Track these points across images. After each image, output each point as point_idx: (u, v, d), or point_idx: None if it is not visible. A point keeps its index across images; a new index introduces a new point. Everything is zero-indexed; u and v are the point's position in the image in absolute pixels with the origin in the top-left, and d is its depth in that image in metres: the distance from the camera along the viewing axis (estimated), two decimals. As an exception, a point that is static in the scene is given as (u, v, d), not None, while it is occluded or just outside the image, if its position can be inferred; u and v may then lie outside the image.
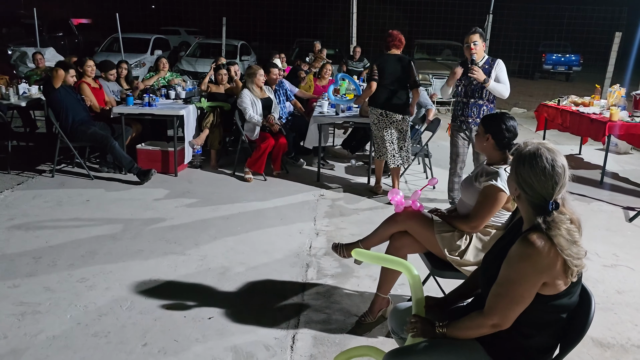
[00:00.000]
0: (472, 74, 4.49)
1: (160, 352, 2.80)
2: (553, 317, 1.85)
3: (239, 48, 15.25)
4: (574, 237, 1.78)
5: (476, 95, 4.67)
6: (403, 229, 2.99)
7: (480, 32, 4.62)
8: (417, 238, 2.95)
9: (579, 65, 20.29)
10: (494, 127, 2.86)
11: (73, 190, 5.43)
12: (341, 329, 3.09)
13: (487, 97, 4.67)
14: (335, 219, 4.92)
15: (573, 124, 6.65)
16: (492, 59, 4.72)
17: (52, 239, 4.20)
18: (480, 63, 4.63)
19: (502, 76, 4.64)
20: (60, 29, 15.97)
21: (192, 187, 5.70)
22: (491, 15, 11.77)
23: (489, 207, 2.76)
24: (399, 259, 2.22)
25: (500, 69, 4.66)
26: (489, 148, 2.90)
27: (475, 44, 4.58)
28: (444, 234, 2.88)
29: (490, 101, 4.71)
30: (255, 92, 6.10)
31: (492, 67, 4.64)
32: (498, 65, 4.66)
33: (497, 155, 2.89)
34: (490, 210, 2.77)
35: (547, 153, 1.81)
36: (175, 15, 26.26)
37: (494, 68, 4.63)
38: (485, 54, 4.74)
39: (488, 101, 4.70)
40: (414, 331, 2.03)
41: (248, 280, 3.64)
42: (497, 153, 2.88)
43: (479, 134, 2.96)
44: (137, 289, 3.46)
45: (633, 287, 3.72)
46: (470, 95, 4.68)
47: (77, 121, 5.77)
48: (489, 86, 4.53)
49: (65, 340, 2.87)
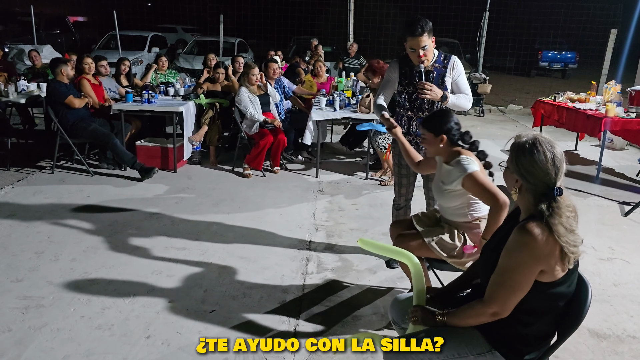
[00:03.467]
0: (423, 94, 3.37)
1: (164, 344, 2.84)
2: (551, 304, 1.89)
3: (236, 45, 15.26)
4: (572, 225, 1.82)
5: (425, 107, 3.53)
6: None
7: (429, 29, 3.36)
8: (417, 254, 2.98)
9: (575, 62, 20.38)
10: (444, 127, 2.83)
11: (73, 186, 5.46)
12: (342, 322, 3.14)
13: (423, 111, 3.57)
14: (334, 214, 4.96)
15: (569, 120, 6.70)
16: (445, 55, 3.56)
17: (54, 234, 4.23)
18: (429, 64, 3.50)
19: (461, 81, 3.53)
20: (57, 26, 15.99)
21: (191, 183, 5.73)
22: (487, 13, 11.82)
23: (488, 186, 2.70)
24: (401, 249, 2.26)
25: (458, 71, 3.53)
26: (444, 148, 2.86)
27: (425, 48, 3.37)
28: (434, 241, 2.89)
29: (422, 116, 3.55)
30: (252, 89, 6.13)
31: (445, 68, 3.51)
32: (455, 67, 3.52)
33: (452, 151, 2.87)
34: (490, 186, 2.70)
35: (545, 141, 1.85)
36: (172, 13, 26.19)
37: (448, 70, 3.50)
38: (434, 51, 3.54)
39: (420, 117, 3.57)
40: (415, 320, 2.08)
41: (249, 274, 3.68)
42: (452, 149, 2.87)
43: (428, 139, 2.88)
44: (139, 283, 3.50)
45: (628, 279, 3.78)
46: (418, 108, 3.54)
47: (77, 117, 5.79)
48: (449, 103, 3.45)
49: (70, 332, 2.91)
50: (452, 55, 3.59)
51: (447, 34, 14.64)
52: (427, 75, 3.50)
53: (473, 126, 10.03)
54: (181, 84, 7.22)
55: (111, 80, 6.89)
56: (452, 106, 3.51)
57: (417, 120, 3.55)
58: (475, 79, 11.11)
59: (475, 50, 12.56)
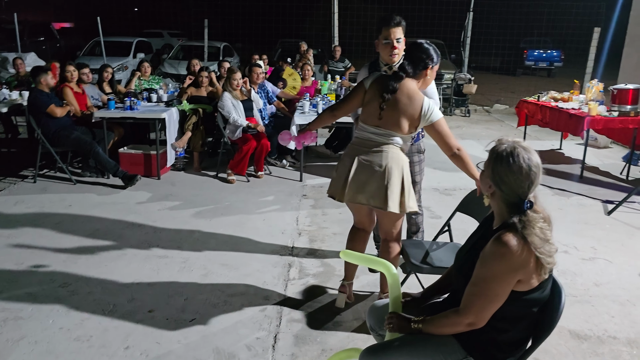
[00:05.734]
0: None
1: (143, 355, 2.81)
2: (526, 311, 1.89)
3: (222, 50, 15.22)
4: (547, 235, 1.82)
5: None
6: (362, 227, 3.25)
7: (404, 26, 3.32)
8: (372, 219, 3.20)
9: (561, 60, 20.53)
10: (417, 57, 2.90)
11: (55, 195, 5.41)
12: (323, 327, 3.13)
13: None
14: (317, 218, 4.95)
15: (552, 120, 6.74)
16: None
17: (34, 245, 4.18)
18: (396, 66, 3.34)
19: (429, 89, 3.27)
20: (42, 33, 15.86)
21: (175, 190, 5.70)
22: (472, 13, 11.87)
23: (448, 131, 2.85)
24: (379, 259, 2.27)
25: None
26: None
27: (398, 41, 3.29)
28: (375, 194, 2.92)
29: None
30: (235, 94, 6.12)
31: None
32: None
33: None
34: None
35: (523, 152, 1.83)
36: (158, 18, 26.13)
37: None
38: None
39: None
40: (391, 327, 2.07)
41: (230, 282, 3.66)
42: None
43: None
44: (119, 293, 3.46)
45: (610, 279, 3.79)
46: None
47: (59, 126, 5.74)
48: None
49: (47, 345, 2.87)
50: None
51: (433, 34, 14.69)
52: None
53: (458, 126, 10.08)
54: (164, 90, 7.18)
55: (94, 88, 6.84)
56: None
57: None
58: (460, 80, 11.15)
59: (460, 51, 12.60)
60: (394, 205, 2.88)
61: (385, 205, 2.87)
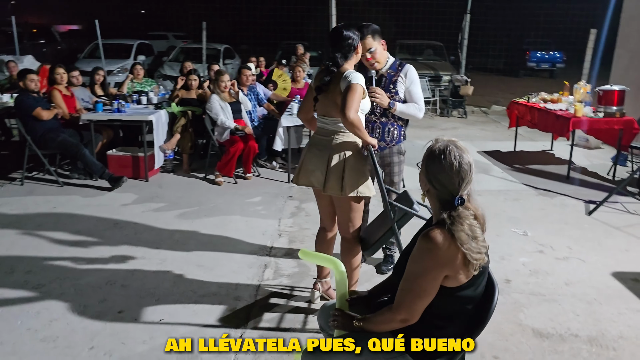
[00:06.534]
0: (373, 97, 3.35)
1: (106, 355, 2.85)
2: (459, 308, 1.90)
3: (222, 52, 15.30)
4: (475, 232, 1.83)
5: (376, 112, 3.60)
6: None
7: (373, 31, 3.41)
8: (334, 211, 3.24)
9: (563, 62, 20.44)
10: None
11: (41, 197, 5.47)
12: (290, 328, 3.15)
13: (395, 117, 3.64)
14: (299, 219, 4.97)
15: (540, 121, 6.73)
16: (400, 63, 3.64)
17: (13, 247, 4.24)
18: (383, 69, 3.58)
19: (413, 90, 3.58)
20: (42, 36, 16.02)
21: (161, 192, 5.75)
22: (469, 15, 11.87)
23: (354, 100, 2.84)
24: (330, 257, 2.30)
25: (411, 79, 3.57)
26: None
27: (371, 51, 3.43)
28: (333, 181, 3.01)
29: (397, 119, 3.65)
30: (223, 96, 6.16)
31: (397, 74, 3.57)
32: (408, 75, 3.57)
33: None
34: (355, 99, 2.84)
35: (455, 150, 1.87)
36: (163, 21, 26.32)
37: (401, 77, 3.56)
38: (388, 57, 3.61)
39: (396, 122, 3.66)
40: (335, 324, 2.09)
41: (204, 283, 3.69)
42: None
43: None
44: (92, 294, 3.50)
45: (581, 278, 3.79)
46: (370, 112, 3.48)
47: (46, 129, 5.80)
48: (397, 110, 3.51)
49: (13, 346, 2.91)
50: (408, 64, 3.65)
51: (432, 36, 14.71)
52: (379, 80, 3.58)
53: (454, 127, 10.08)
54: (155, 93, 7.23)
55: (85, 90, 6.91)
56: (400, 114, 3.58)
57: (380, 125, 3.63)
58: (457, 81, 11.14)
59: (458, 52, 12.60)
60: (330, 188, 3.00)
61: (323, 188, 3.02)
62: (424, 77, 11.50)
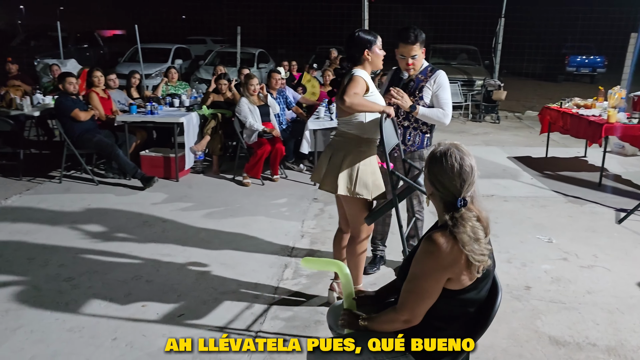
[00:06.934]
0: (392, 98, 3.42)
1: (128, 346, 2.97)
2: (461, 310, 1.93)
3: (257, 56, 15.52)
4: (478, 234, 1.85)
5: (400, 114, 3.62)
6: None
7: (421, 40, 3.48)
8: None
9: (604, 67, 19.90)
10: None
11: (77, 195, 5.69)
12: (305, 326, 3.21)
13: (418, 122, 3.66)
14: (322, 221, 5.04)
15: (572, 127, 6.61)
16: (432, 68, 3.63)
17: (49, 241, 4.43)
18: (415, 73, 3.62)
19: (441, 96, 3.55)
20: (86, 40, 16.62)
21: (190, 192, 5.90)
22: (503, 19, 11.72)
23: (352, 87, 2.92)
24: (334, 260, 2.36)
25: (439, 85, 3.55)
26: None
27: (415, 57, 3.49)
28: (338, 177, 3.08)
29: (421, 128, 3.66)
30: (252, 99, 6.28)
31: (426, 79, 3.57)
32: (437, 79, 3.56)
33: None
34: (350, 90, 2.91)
35: (456, 153, 1.90)
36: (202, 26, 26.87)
37: (429, 82, 3.57)
38: (423, 63, 3.63)
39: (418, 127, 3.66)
40: (343, 323, 2.14)
41: (225, 280, 3.79)
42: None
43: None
44: (117, 288, 3.64)
45: (604, 287, 3.73)
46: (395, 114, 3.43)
47: (83, 129, 6.04)
48: (419, 114, 3.52)
49: (42, 334, 3.07)
50: (439, 70, 3.65)
51: (467, 41, 14.57)
52: (408, 85, 3.63)
53: (485, 133, 9.97)
54: (188, 95, 7.43)
55: (121, 93, 7.15)
56: (423, 117, 3.60)
57: (401, 128, 3.67)
58: (490, 86, 11.00)
59: (492, 57, 12.45)
60: (324, 185, 3.15)
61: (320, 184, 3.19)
62: (456, 81, 11.42)
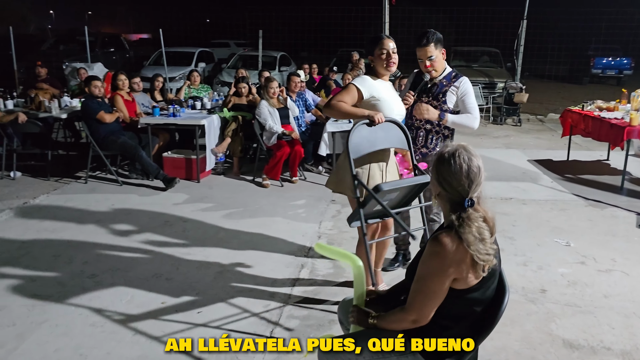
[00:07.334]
0: (418, 114, 3.55)
1: (147, 341, 3.07)
2: (467, 310, 1.96)
3: (278, 59, 15.66)
4: (483, 234, 1.89)
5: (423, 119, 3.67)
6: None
7: (436, 40, 3.50)
8: None
9: (630, 69, 19.57)
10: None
11: (101, 195, 5.85)
12: (319, 325, 3.27)
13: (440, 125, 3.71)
14: (340, 222, 5.09)
15: (594, 130, 6.55)
16: (456, 74, 3.66)
17: (74, 239, 4.58)
18: (437, 78, 3.64)
19: (467, 101, 3.59)
20: (113, 44, 16.98)
21: (210, 193, 6.01)
22: (525, 21, 11.63)
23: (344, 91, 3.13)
24: (348, 252, 2.40)
25: (464, 91, 3.59)
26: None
27: (431, 58, 3.51)
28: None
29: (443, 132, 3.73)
30: (272, 102, 6.37)
31: (450, 85, 3.61)
32: (461, 86, 3.59)
33: None
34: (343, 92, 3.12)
35: (464, 154, 1.94)
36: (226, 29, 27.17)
37: (453, 87, 3.60)
38: (446, 67, 3.66)
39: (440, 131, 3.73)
40: (352, 319, 2.19)
41: (242, 279, 3.87)
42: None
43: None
44: (138, 285, 3.75)
45: (622, 291, 3.70)
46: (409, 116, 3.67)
47: (108, 131, 6.21)
48: (449, 122, 3.58)
49: (66, 328, 3.18)
50: (463, 76, 3.67)
51: (489, 43, 14.49)
52: (431, 89, 3.67)
53: (506, 135, 9.91)
54: (209, 98, 7.56)
55: (145, 96, 7.31)
56: (453, 125, 3.64)
57: (423, 131, 3.74)
58: (512, 88, 10.93)
59: (513, 59, 12.36)
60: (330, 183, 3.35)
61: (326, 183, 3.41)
62: (478, 84, 11.37)
